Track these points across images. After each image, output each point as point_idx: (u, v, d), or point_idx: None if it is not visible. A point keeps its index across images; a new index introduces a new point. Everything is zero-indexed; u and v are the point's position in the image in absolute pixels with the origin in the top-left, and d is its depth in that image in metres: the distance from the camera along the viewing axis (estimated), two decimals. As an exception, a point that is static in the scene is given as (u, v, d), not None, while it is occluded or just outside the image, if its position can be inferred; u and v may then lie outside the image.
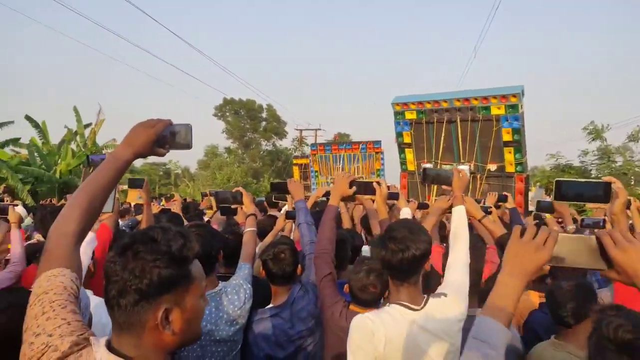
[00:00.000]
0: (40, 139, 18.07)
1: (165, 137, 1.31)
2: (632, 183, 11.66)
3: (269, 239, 3.68)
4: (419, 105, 11.01)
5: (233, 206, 5.32)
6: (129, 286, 0.92)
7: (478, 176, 10.52)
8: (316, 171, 16.50)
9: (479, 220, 2.85)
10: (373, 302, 2.03)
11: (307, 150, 20.00)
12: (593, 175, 11.89)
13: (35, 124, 17.95)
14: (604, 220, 3.89)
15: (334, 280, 2.15)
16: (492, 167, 10.45)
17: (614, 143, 12.94)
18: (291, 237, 4.10)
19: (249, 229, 2.43)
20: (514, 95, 9.60)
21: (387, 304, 1.72)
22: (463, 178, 2.11)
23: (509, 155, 10.18)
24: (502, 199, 4.46)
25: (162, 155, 1.33)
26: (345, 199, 2.49)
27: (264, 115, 40.28)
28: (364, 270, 2.04)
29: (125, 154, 1.24)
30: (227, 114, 39.81)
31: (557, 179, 1.84)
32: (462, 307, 1.68)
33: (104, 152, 17.86)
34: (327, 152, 16.29)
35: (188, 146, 1.33)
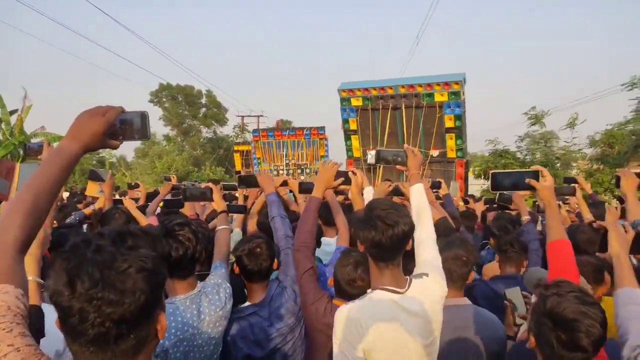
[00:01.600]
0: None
1: (116, 126, 1.16)
2: (559, 165, 12.58)
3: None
4: (364, 92, 11.10)
5: (202, 203, 5.00)
6: (125, 311, 0.79)
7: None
8: (259, 158, 16.10)
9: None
10: (358, 296, 1.94)
11: (249, 137, 19.58)
12: (528, 160, 12.69)
13: None
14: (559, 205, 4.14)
15: (315, 275, 2.06)
16: (435, 152, 10.82)
17: (554, 128, 13.90)
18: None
19: (221, 226, 2.28)
20: (457, 83, 9.94)
21: (369, 289, 1.65)
22: (417, 156, 2.05)
23: (450, 142, 10.58)
24: (436, 185, 4.33)
25: (115, 147, 1.18)
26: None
27: (203, 101, 38.96)
28: (351, 263, 1.94)
29: (72, 148, 1.07)
30: (164, 99, 38.07)
31: (492, 171, 2.00)
32: (443, 284, 1.66)
33: (32, 140, 16.42)
34: (270, 138, 15.94)
35: (145, 136, 1.20)
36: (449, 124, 10.38)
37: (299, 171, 15.34)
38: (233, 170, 22.27)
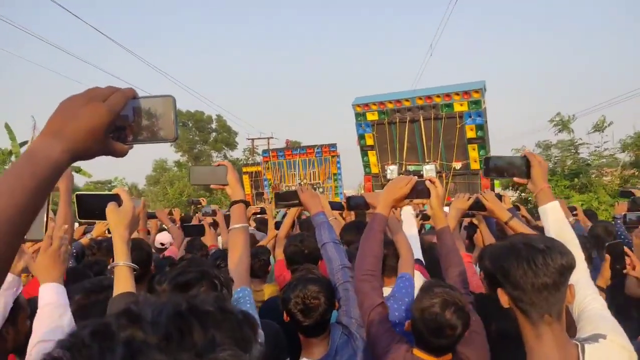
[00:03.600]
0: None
1: (128, 119, 0.74)
2: (594, 175, 11.99)
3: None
4: (380, 106, 10.75)
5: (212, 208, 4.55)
6: None
7: (444, 175, 10.36)
8: (269, 179, 15.63)
9: (506, 223, 2.36)
10: (448, 349, 1.48)
11: (260, 159, 19.20)
12: (558, 169, 12.12)
13: (12, 136, 16.47)
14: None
15: (386, 312, 1.62)
16: (457, 165, 10.36)
17: (581, 133, 13.25)
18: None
19: (238, 224, 1.64)
20: (476, 91, 9.54)
21: None
22: (543, 164, 1.63)
23: (473, 152, 10.12)
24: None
25: (124, 154, 0.75)
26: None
27: (213, 126, 39.12)
28: (438, 303, 1.45)
29: (51, 151, 0.64)
30: (175, 126, 38.24)
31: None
32: (630, 349, 1.15)
33: None
34: (281, 158, 15.47)
35: (172, 135, 0.76)
36: (470, 134, 9.94)
37: (312, 191, 14.89)
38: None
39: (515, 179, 1.67)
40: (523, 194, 12.72)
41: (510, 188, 12.06)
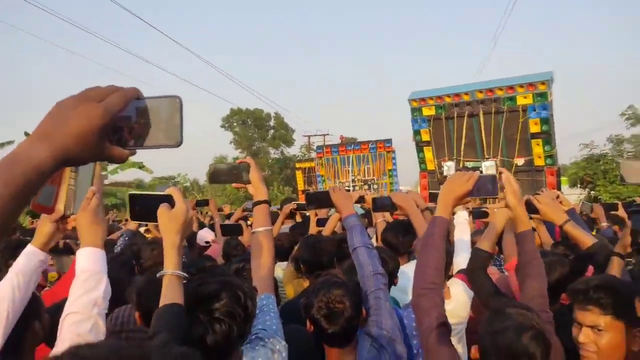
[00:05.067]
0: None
1: (130, 121, 0.69)
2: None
3: None
4: (437, 100, 10.39)
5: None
6: None
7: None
8: (322, 175, 15.59)
9: (561, 227, 2.22)
10: None
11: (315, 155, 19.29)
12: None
13: None
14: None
15: (449, 335, 1.42)
16: (520, 161, 9.79)
17: None
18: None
19: (262, 228, 1.56)
20: (543, 83, 8.96)
21: None
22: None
23: (537, 148, 9.52)
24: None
25: (123, 159, 0.70)
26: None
27: (271, 123, 39.97)
28: (513, 325, 1.26)
29: (37, 154, 0.59)
30: (235, 124, 39.53)
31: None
32: None
33: (108, 167, 17.37)
34: (334, 154, 15.38)
35: (176, 139, 0.71)
36: (534, 128, 9.35)
37: (366, 187, 14.64)
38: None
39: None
40: (593, 192, 11.81)
41: (579, 185, 11.23)
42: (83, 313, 1.22)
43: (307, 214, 4.21)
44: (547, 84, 8.95)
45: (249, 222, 4.20)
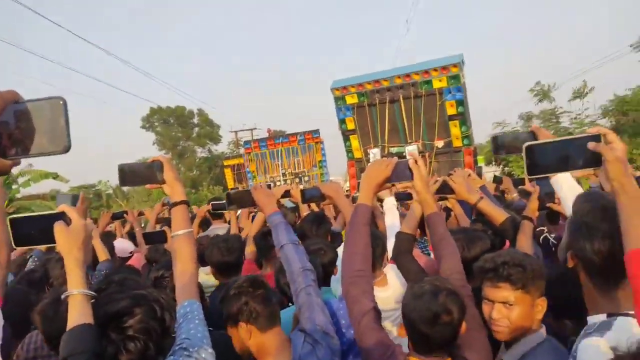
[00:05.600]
0: None
1: (9, 127, 0.64)
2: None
3: None
4: (359, 88, 10.51)
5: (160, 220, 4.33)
6: None
7: (427, 155, 10.19)
8: (252, 172, 15.28)
9: (474, 205, 2.35)
10: (447, 345, 1.38)
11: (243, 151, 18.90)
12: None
13: None
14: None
15: (379, 318, 1.48)
16: (440, 143, 10.20)
17: (562, 102, 13.17)
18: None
19: (181, 230, 1.49)
20: (455, 65, 9.35)
21: (594, 315, 1.27)
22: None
23: (455, 129, 9.96)
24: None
25: (6, 171, 0.65)
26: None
27: (195, 121, 38.54)
28: (429, 288, 1.37)
29: None
30: (156, 123, 37.65)
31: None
32: None
33: (19, 179, 15.74)
34: (263, 149, 15.09)
35: (63, 144, 0.66)
36: (451, 111, 9.76)
37: (297, 180, 14.55)
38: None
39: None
40: (506, 168, 12.67)
41: (494, 163, 11.98)
42: None
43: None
44: (458, 66, 9.36)
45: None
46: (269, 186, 2.52)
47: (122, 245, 3.95)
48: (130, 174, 1.60)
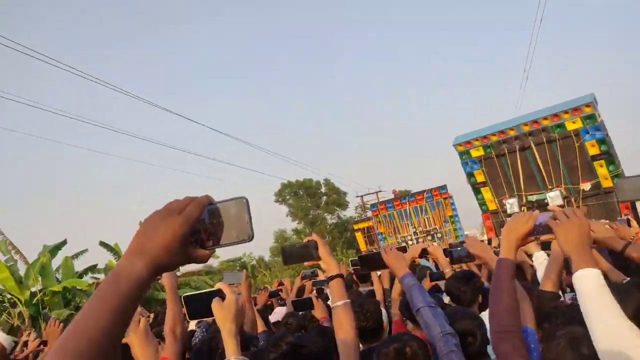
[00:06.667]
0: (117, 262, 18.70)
1: (204, 223, 0.77)
2: None
3: None
4: (483, 140, 10.37)
5: (308, 267, 4.78)
6: None
7: (572, 199, 9.46)
8: (382, 233, 15.44)
9: (621, 252, 2.18)
10: None
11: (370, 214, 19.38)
12: None
13: (109, 248, 18.07)
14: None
15: None
16: (586, 186, 9.40)
17: None
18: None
19: (340, 302, 1.58)
20: (587, 105, 8.80)
21: None
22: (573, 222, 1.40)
23: (601, 170, 9.15)
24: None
25: (205, 259, 0.77)
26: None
27: (323, 190, 40.74)
28: (563, 337, 1.32)
29: (135, 269, 0.69)
30: (288, 197, 40.64)
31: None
32: None
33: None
34: (390, 210, 15.22)
35: (247, 234, 0.79)
36: (593, 151, 9.05)
37: (429, 238, 14.36)
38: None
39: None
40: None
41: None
42: None
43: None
44: (591, 106, 8.78)
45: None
46: (403, 248, 2.55)
47: (277, 315, 4.52)
48: (290, 254, 1.84)
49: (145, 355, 1.48)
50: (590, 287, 1.24)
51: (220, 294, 1.44)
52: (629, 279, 2.36)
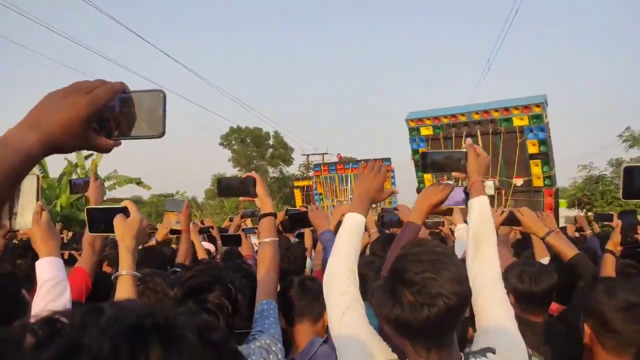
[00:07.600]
0: (40, 173, 17.69)
1: (114, 111, 0.71)
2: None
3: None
4: (434, 120, 10.47)
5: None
6: None
7: (503, 192, 9.86)
8: (320, 194, 15.67)
9: (542, 238, 2.33)
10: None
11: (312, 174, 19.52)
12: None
13: None
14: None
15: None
16: (518, 181, 9.81)
17: None
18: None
19: (268, 239, 1.65)
20: (537, 105, 9.05)
21: None
22: (482, 157, 1.46)
23: (535, 169, 9.56)
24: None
25: (108, 149, 0.72)
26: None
27: (270, 142, 40.22)
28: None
29: (25, 142, 0.62)
30: (234, 142, 39.79)
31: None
32: None
33: (105, 183, 17.28)
34: (332, 172, 15.54)
35: (158, 129, 0.73)
36: (532, 149, 9.40)
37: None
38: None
39: (454, 173, 1.54)
40: (590, 213, 11.87)
41: (577, 207, 11.27)
42: None
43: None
44: (541, 107, 9.04)
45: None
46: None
47: (207, 246, 4.46)
48: (227, 187, 1.79)
49: (47, 248, 1.41)
50: (485, 213, 1.38)
51: (125, 211, 1.40)
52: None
